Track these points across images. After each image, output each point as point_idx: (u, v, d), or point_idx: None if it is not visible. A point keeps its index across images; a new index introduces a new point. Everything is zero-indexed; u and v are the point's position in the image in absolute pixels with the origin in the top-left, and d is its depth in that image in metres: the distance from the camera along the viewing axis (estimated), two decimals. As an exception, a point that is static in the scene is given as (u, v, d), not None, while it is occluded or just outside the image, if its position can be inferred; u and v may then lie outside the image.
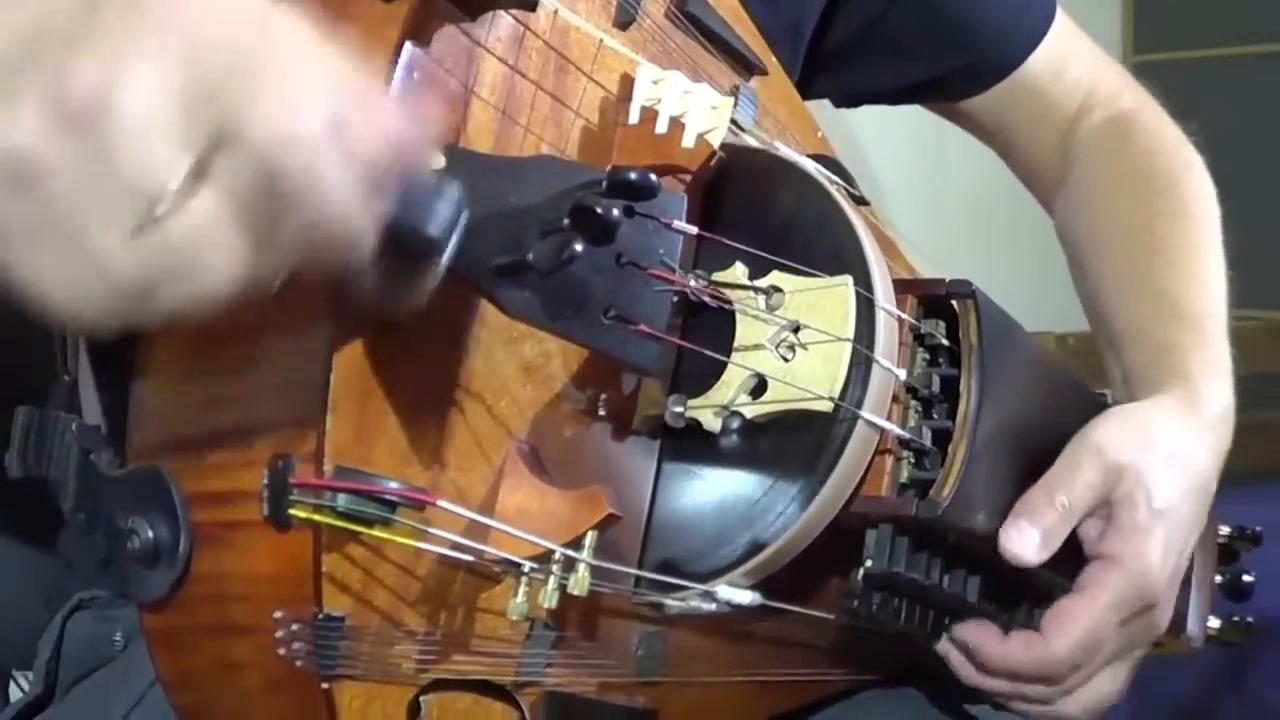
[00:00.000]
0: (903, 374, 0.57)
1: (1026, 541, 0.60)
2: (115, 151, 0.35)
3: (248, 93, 0.36)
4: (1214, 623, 0.84)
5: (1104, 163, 0.88)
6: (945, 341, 0.60)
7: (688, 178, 0.57)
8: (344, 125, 0.37)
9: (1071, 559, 0.65)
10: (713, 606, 0.54)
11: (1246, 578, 0.85)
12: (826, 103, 0.93)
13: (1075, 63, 0.90)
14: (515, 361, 0.52)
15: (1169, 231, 0.81)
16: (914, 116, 0.96)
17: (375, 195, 0.39)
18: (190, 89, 0.35)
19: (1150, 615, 0.66)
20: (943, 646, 0.65)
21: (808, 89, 0.83)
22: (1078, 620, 0.63)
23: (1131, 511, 0.64)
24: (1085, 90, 0.91)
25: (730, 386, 0.55)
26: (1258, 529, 0.86)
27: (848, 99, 0.94)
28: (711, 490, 0.56)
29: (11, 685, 0.81)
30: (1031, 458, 0.64)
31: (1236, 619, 0.85)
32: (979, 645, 0.64)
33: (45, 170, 0.35)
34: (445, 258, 0.42)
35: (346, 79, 0.39)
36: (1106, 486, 0.63)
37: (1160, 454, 0.65)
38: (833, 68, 0.86)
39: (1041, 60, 0.89)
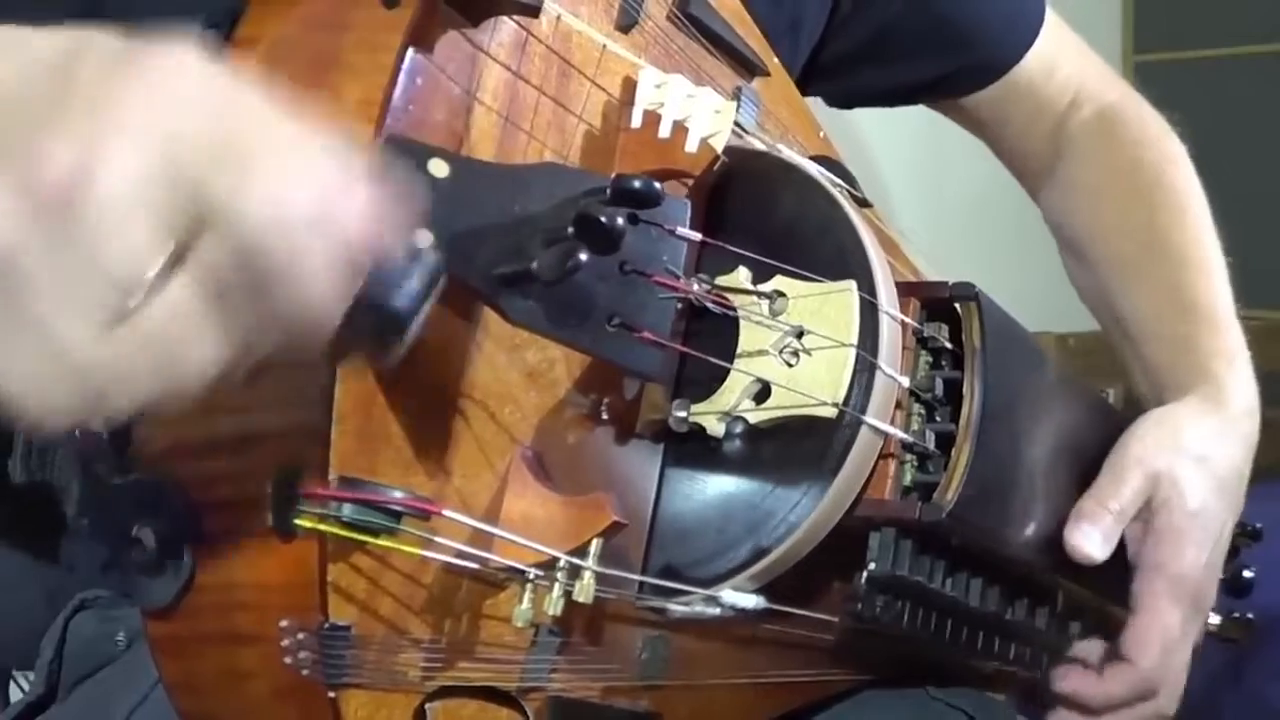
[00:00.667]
0: (906, 381, 0.57)
1: (1090, 542, 0.66)
2: (89, 239, 0.34)
3: (229, 180, 0.35)
4: (1214, 619, 0.84)
5: (1094, 156, 0.90)
6: (948, 344, 0.60)
7: (691, 182, 0.57)
8: (324, 211, 0.36)
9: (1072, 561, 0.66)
10: (717, 611, 0.54)
11: (1246, 574, 0.85)
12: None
13: (1065, 61, 0.92)
14: (519, 368, 0.52)
15: (1169, 225, 0.84)
16: (915, 117, 0.96)
17: (350, 277, 0.37)
18: (168, 176, 0.34)
19: (1196, 606, 0.72)
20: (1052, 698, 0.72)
21: (805, 90, 0.84)
22: (1152, 634, 0.69)
23: (1169, 516, 0.70)
24: (1075, 87, 0.93)
25: (734, 392, 0.55)
26: (1258, 525, 0.86)
27: (843, 100, 0.94)
28: (715, 495, 0.56)
29: (12, 685, 0.81)
30: (1035, 459, 0.65)
31: (1236, 615, 0.86)
32: (1079, 692, 0.71)
33: (13, 258, 0.33)
34: (411, 329, 0.40)
35: (324, 162, 0.37)
36: (1148, 492, 0.69)
37: (1191, 456, 0.71)
38: (832, 75, 0.87)
39: (1034, 60, 0.90)
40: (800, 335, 0.55)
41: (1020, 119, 0.92)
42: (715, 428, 0.56)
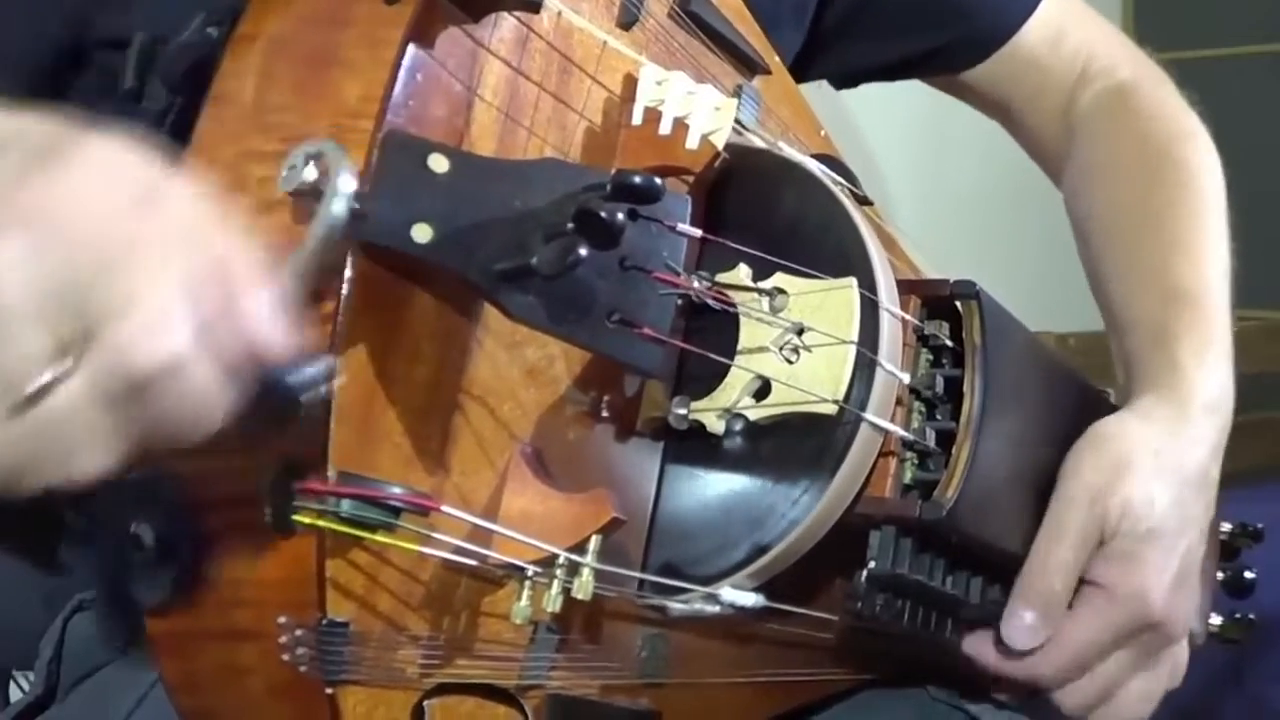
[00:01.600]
0: (906, 377, 0.57)
1: (1019, 631, 0.63)
2: None
3: (114, 294, 0.37)
4: (1215, 620, 0.84)
5: (1104, 136, 0.87)
6: (949, 342, 0.60)
7: (691, 179, 0.57)
8: (209, 331, 0.38)
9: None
10: (716, 609, 0.54)
11: (1248, 574, 0.85)
12: (826, 99, 0.92)
13: (1072, 32, 0.89)
14: (518, 365, 0.52)
15: (1166, 203, 0.79)
16: (916, 113, 0.96)
17: (235, 383, 0.40)
18: (57, 283, 0.36)
19: (1158, 630, 0.66)
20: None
21: (807, 70, 0.83)
22: (1064, 646, 0.64)
23: (1121, 541, 0.64)
24: (1083, 60, 0.89)
25: (734, 389, 0.55)
26: (1259, 525, 0.86)
27: (846, 78, 0.92)
28: (715, 492, 0.56)
29: (12, 686, 0.81)
30: (1035, 458, 0.65)
31: (1238, 616, 0.85)
32: (979, 657, 0.66)
33: None
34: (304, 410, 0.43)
35: (220, 269, 0.39)
36: (1098, 526, 0.64)
37: (1143, 472, 0.65)
38: (831, 45, 0.85)
39: (1037, 30, 0.87)
40: (801, 332, 0.55)
41: (1025, 96, 0.89)
42: (715, 425, 0.55)
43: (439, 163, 0.46)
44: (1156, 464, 0.65)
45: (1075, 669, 0.65)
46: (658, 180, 0.46)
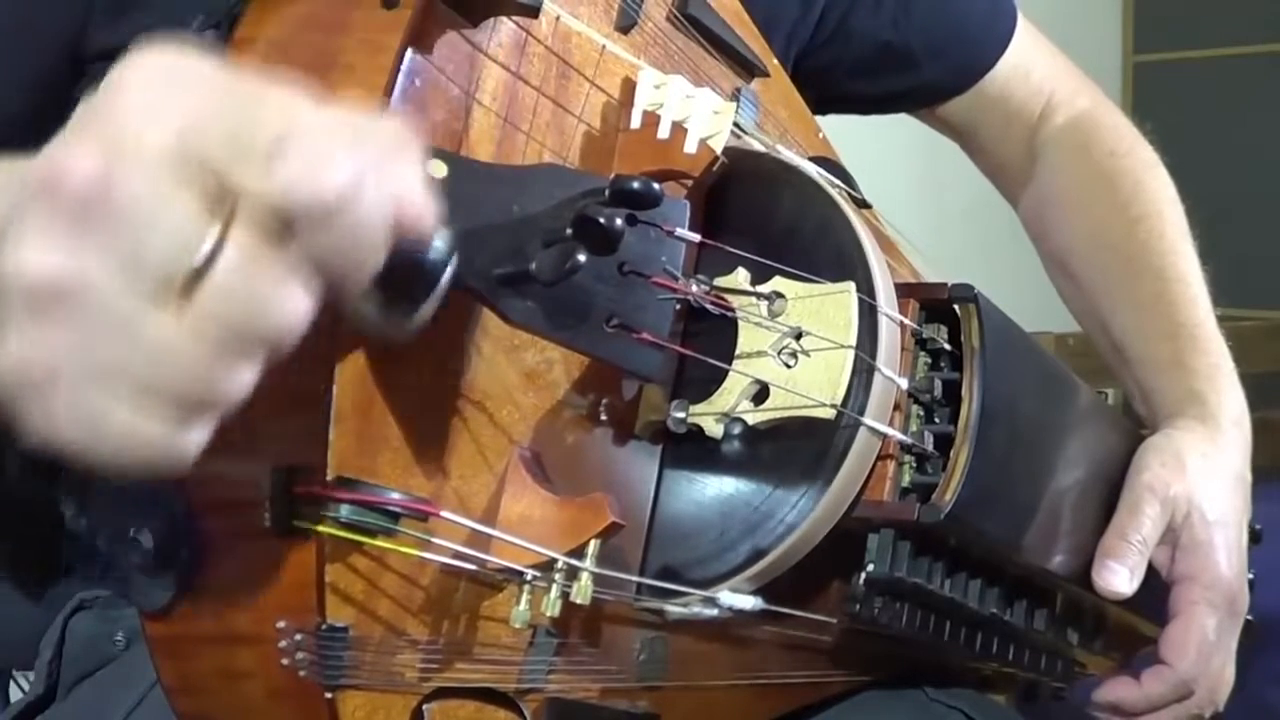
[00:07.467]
0: (905, 383, 0.57)
1: (1119, 578, 0.69)
2: (131, 227, 0.34)
3: (258, 138, 0.35)
4: (1214, 622, 0.84)
5: (1070, 167, 0.91)
6: (947, 346, 0.60)
7: (690, 183, 0.57)
8: (355, 190, 0.36)
9: (1079, 559, 0.68)
10: (715, 612, 0.54)
11: (1247, 576, 0.85)
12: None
13: (1037, 66, 0.93)
14: (517, 369, 0.52)
15: (1149, 236, 0.85)
16: (911, 117, 0.96)
17: (389, 232, 0.37)
18: (190, 155, 0.34)
19: (1234, 606, 0.76)
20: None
21: None
22: (1188, 640, 0.73)
23: (1192, 532, 0.74)
24: (1048, 92, 0.93)
25: (732, 393, 0.55)
26: (1257, 527, 0.86)
27: (819, 105, 0.93)
28: (713, 496, 0.56)
29: (12, 685, 0.81)
30: (1034, 461, 0.65)
31: (1236, 618, 0.85)
32: (1122, 699, 0.74)
33: (68, 280, 0.33)
34: (442, 283, 0.41)
35: (341, 132, 0.37)
36: (1166, 517, 0.72)
37: (1198, 475, 0.74)
38: (814, 83, 0.86)
39: (1008, 65, 0.91)
40: (799, 336, 0.55)
41: (994, 125, 0.93)
42: (714, 429, 0.56)
43: (437, 168, 0.46)
44: (1205, 464, 0.75)
45: (1203, 660, 0.74)
46: (656, 185, 0.46)
